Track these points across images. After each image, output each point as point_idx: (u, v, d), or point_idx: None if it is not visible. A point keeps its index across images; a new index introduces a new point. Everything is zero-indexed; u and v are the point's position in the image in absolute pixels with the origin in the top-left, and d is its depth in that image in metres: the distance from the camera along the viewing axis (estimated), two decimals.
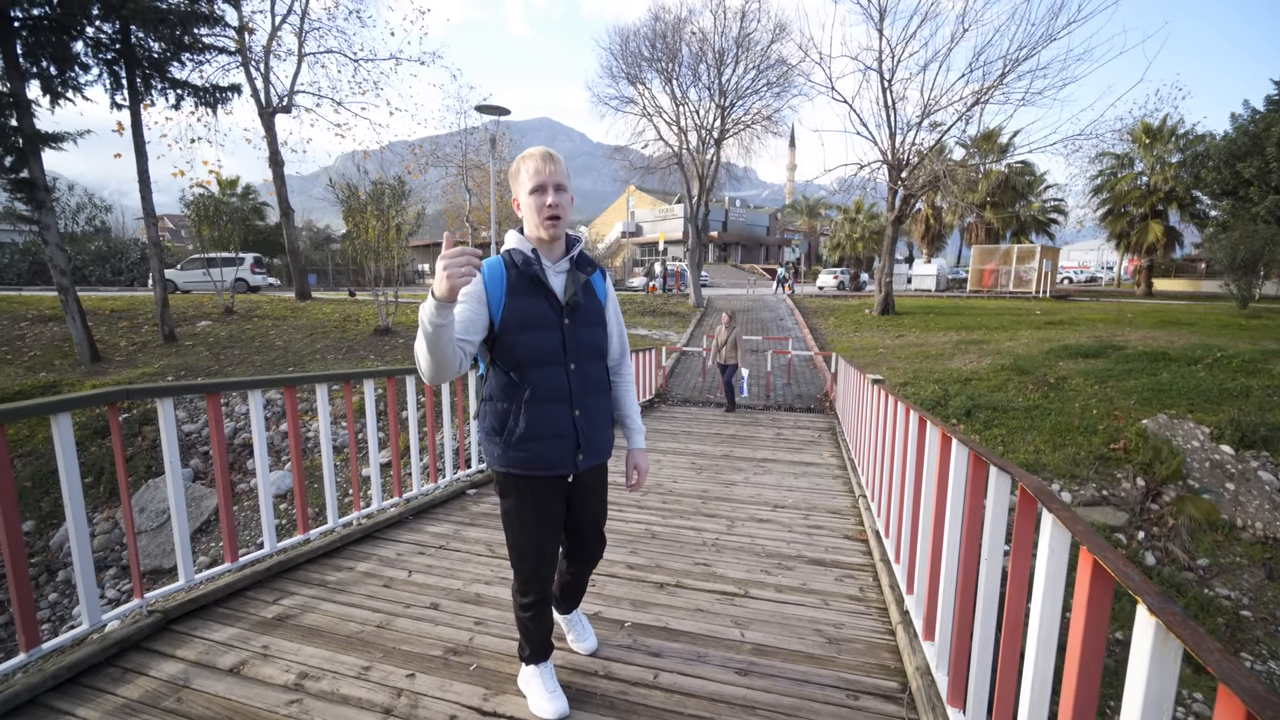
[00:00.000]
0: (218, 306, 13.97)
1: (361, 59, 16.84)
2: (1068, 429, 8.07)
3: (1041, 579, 1.16)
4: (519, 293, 1.63)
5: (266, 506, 2.90)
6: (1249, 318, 15.39)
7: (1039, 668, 1.17)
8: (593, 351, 1.75)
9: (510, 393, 1.66)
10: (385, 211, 11.91)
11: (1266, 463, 7.19)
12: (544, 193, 1.60)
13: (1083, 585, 0.98)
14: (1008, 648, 1.36)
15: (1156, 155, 26.08)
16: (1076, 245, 49.28)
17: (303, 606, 2.58)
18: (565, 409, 1.68)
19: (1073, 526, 1.06)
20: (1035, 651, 1.17)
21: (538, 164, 1.60)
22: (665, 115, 19.31)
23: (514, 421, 1.66)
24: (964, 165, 17.69)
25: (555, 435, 1.67)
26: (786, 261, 43.18)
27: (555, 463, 1.69)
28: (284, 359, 10.90)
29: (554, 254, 1.71)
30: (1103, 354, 10.59)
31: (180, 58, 11.16)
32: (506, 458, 1.69)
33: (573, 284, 1.69)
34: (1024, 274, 24.99)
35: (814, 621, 2.57)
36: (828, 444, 6.75)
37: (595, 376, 1.77)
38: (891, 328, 15.59)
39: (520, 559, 1.79)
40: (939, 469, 2.09)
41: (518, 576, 1.83)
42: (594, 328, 1.75)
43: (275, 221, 31.08)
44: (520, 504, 1.73)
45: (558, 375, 1.67)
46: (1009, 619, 1.36)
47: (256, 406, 2.84)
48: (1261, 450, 7.30)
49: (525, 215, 1.66)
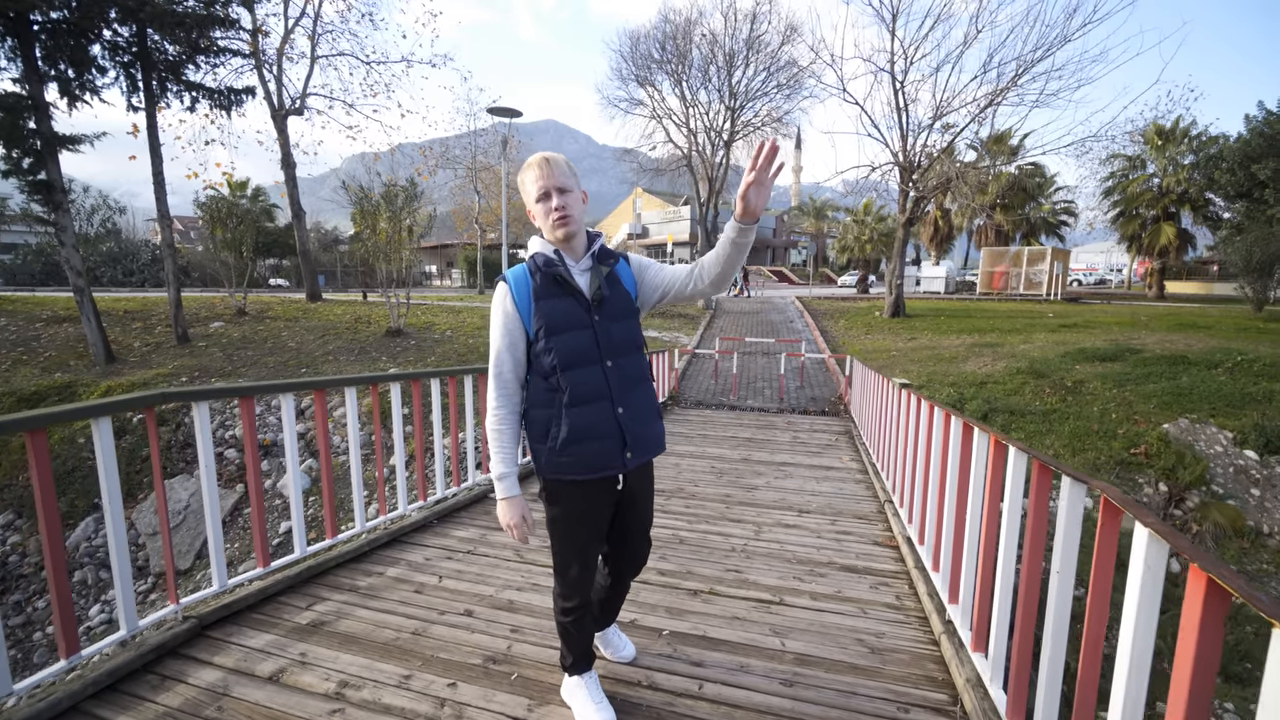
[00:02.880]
0: (230, 308, 14.03)
1: (374, 61, 16.93)
2: (1087, 433, 7.98)
3: (1135, 595, 1.11)
4: (546, 295, 1.63)
5: (297, 510, 2.88)
6: (1266, 320, 15.22)
7: (1131, 690, 1.12)
8: (627, 345, 1.71)
9: (550, 397, 1.65)
10: (397, 213, 11.93)
11: None
12: (549, 198, 1.61)
13: (1193, 605, 0.94)
14: (1087, 667, 1.32)
15: (1169, 157, 25.88)
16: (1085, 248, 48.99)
17: (337, 613, 2.55)
18: (607, 407, 1.66)
19: (1175, 542, 1.02)
20: (1127, 673, 1.13)
21: (537, 171, 1.61)
22: (675, 117, 19.32)
23: (557, 427, 1.64)
24: (975, 167, 17.59)
25: (600, 436, 1.64)
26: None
27: (603, 464, 1.66)
28: (296, 360, 10.92)
29: (576, 253, 1.69)
30: (1120, 357, 10.48)
31: (195, 60, 11.22)
32: (553, 464, 1.66)
33: (596, 278, 1.67)
34: (1034, 276, 24.83)
35: (854, 630, 2.52)
36: (846, 447, 6.69)
37: (634, 370, 1.73)
38: (903, 330, 15.50)
39: (565, 565, 1.76)
40: (990, 478, 2.05)
41: (561, 582, 1.80)
42: (625, 320, 1.72)
43: (285, 223, 31.32)
44: (569, 510, 1.71)
45: (595, 374, 1.65)
46: (1089, 635, 1.31)
47: (289, 410, 2.82)
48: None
49: (538, 223, 1.66)
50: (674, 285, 1.75)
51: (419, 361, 10.83)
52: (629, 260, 1.78)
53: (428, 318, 14.71)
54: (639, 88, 19.35)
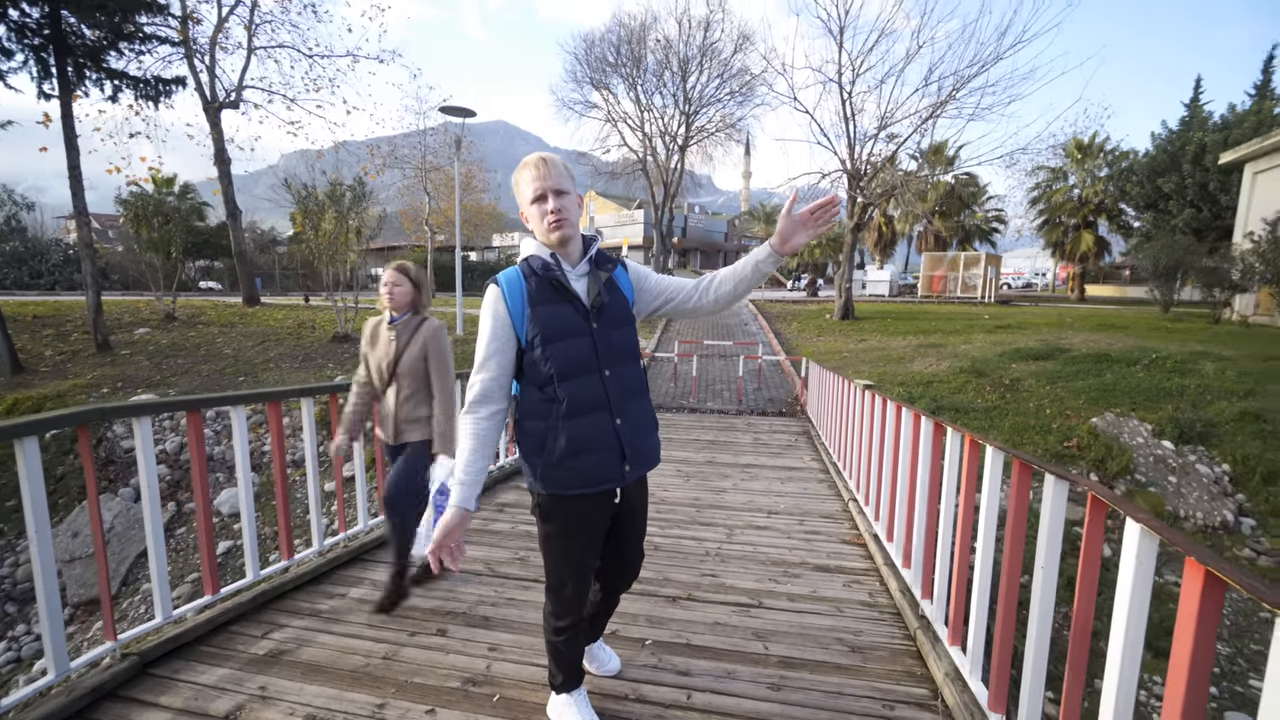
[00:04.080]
0: (157, 312, 13.09)
1: (317, 55, 16.18)
2: (1025, 428, 8.44)
3: (1127, 587, 1.16)
4: (542, 300, 1.56)
5: (250, 530, 2.68)
6: (1173, 321, 16.56)
7: (1124, 676, 1.17)
8: (625, 354, 1.66)
9: (545, 408, 1.57)
10: (344, 213, 11.44)
11: (1203, 457, 7.70)
12: (545, 199, 1.54)
13: (1190, 596, 0.98)
14: (1075, 656, 1.37)
15: (1087, 170, 27.88)
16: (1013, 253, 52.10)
17: (297, 640, 2.39)
18: (606, 418, 1.59)
19: (1169, 535, 1.07)
20: (1120, 661, 1.17)
21: (533, 171, 1.55)
22: (630, 121, 19.37)
23: (553, 439, 1.56)
24: (917, 176, 18.42)
25: (599, 448, 1.58)
26: None
27: (602, 478, 1.60)
28: (234, 369, 10.28)
29: (572, 257, 1.62)
30: (1051, 356, 11.16)
31: (118, 46, 10.41)
32: (549, 478, 1.58)
33: (595, 284, 1.61)
34: (970, 280, 26.22)
35: (833, 630, 2.56)
36: (806, 448, 6.84)
37: (631, 379, 1.67)
38: (853, 332, 16.03)
39: (560, 583, 1.70)
40: (966, 477, 2.11)
41: (554, 600, 1.73)
42: (624, 327, 1.66)
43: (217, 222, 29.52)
44: (566, 526, 1.64)
45: (593, 384, 1.58)
46: (1077, 625, 1.36)
47: (240, 423, 2.62)
48: (1198, 445, 7.82)
49: (533, 225, 1.60)
50: (677, 296, 1.71)
51: None
52: (627, 266, 1.73)
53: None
54: (594, 90, 19.32)
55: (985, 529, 1.95)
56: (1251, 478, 6.86)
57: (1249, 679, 4.57)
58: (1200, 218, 22.37)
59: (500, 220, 32.58)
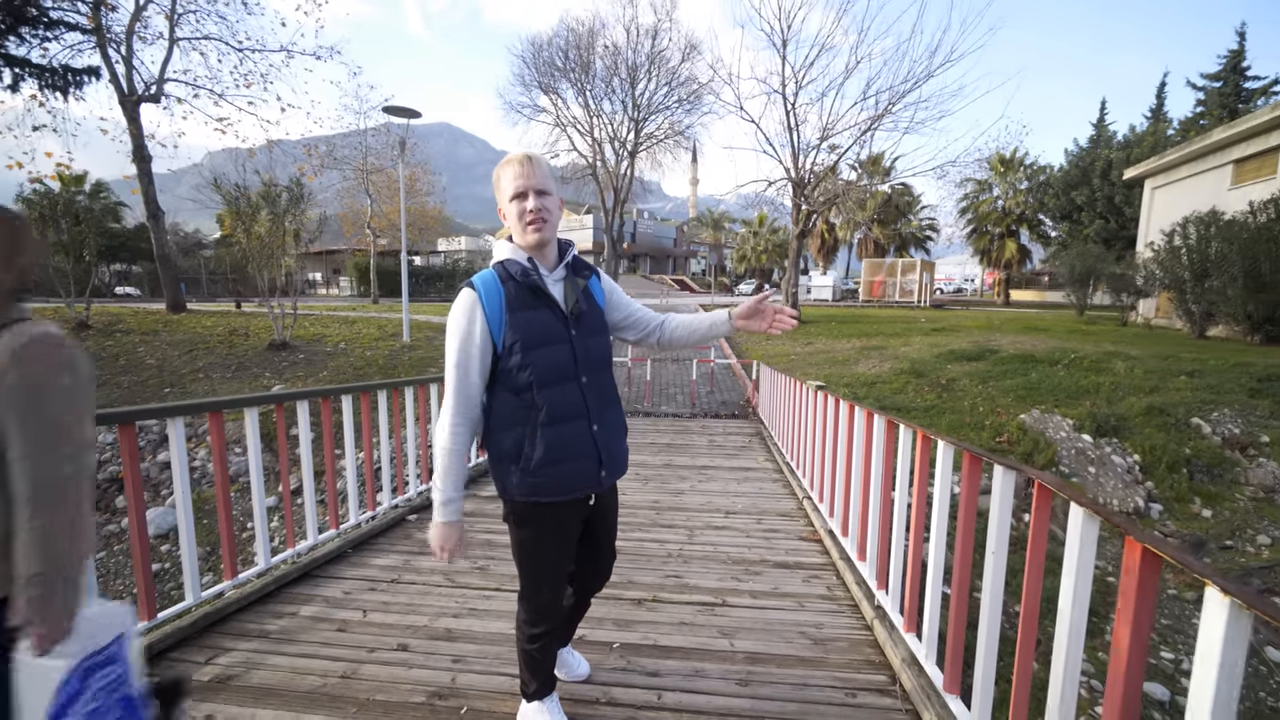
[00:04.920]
0: (68, 320, 12.06)
1: (247, 49, 15.35)
2: (962, 426, 8.93)
3: (1072, 568, 1.26)
4: (520, 306, 1.53)
5: (190, 549, 2.52)
6: (1087, 323, 17.92)
7: (1070, 655, 1.27)
8: (601, 362, 1.67)
9: (524, 415, 1.55)
10: (280, 215, 10.90)
11: (1117, 448, 8.36)
12: (525, 198, 1.53)
13: (1130, 572, 1.08)
14: (1025, 638, 1.47)
15: (1010, 182, 29.88)
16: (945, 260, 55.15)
17: (246, 664, 2.26)
18: (584, 426, 1.59)
19: (1109, 517, 1.17)
20: (1067, 639, 1.27)
21: (516, 168, 1.54)
22: (579, 126, 19.36)
23: (530, 446, 1.54)
24: (856, 185, 19.23)
25: (578, 456, 1.58)
26: None
27: (579, 485, 1.60)
28: (158, 380, 9.60)
29: (549, 261, 1.61)
30: (982, 357, 11.87)
31: (19, 32, 9.58)
32: (526, 485, 1.56)
33: (573, 291, 1.61)
34: (907, 285, 27.57)
35: (796, 624, 2.63)
36: (760, 448, 7.00)
37: (607, 387, 1.69)
38: (800, 336, 16.53)
39: (536, 590, 1.68)
40: (919, 471, 2.22)
41: (530, 607, 1.71)
42: (600, 335, 1.67)
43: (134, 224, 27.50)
44: (542, 533, 1.63)
45: (573, 391, 1.57)
46: (1026, 608, 1.46)
47: (178, 436, 2.46)
48: (1113, 438, 8.48)
49: (510, 224, 1.58)
50: (638, 322, 1.80)
51: (310, 378, 9.93)
52: (600, 276, 1.76)
53: (317, 329, 13.55)
54: (542, 95, 19.21)
55: (938, 520, 2.06)
56: (1158, 467, 7.49)
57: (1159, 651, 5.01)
58: (1109, 228, 24.34)
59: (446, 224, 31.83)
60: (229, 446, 7.74)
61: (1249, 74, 25.83)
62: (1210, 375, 9.60)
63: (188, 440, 8.35)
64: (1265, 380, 9.10)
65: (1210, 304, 13.01)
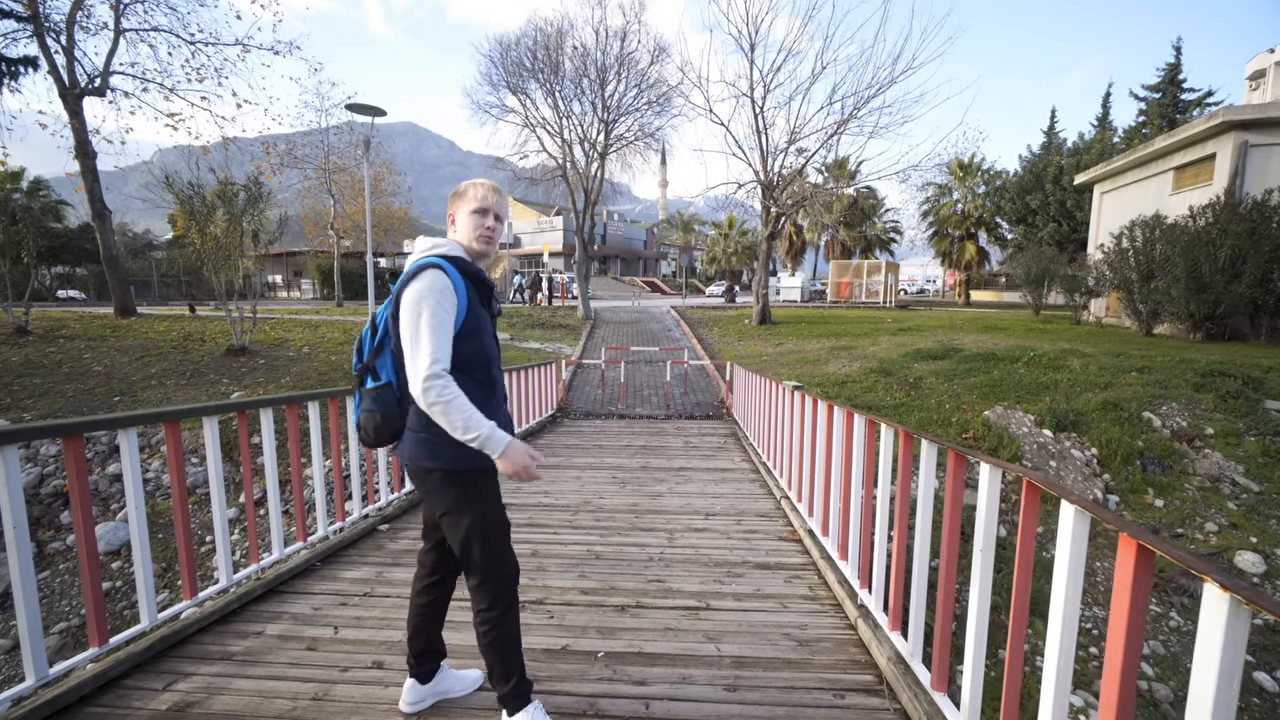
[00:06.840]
0: (5, 326, 11.35)
1: (200, 42, 14.71)
2: (930, 423, 9.14)
3: (1064, 565, 1.27)
4: (475, 299, 1.75)
5: (145, 568, 2.36)
6: (1044, 323, 18.61)
7: (1064, 648, 1.27)
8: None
9: (483, 394, 1.72)
10: (238, 215, 10.47)
11: (1076, 443, 8.68)
12: (486, 215, 1.79)
13: (1125, 568, 1.09)
14: (1015, 635, 1.48)
15: (968, 186, 30.86)
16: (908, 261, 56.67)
17: (208, 689, 2.13)
18: (505, 406, 1.88)
19: (1100, 514, 1.18)
20: (1060, 633, 1.28)
21: (487, 192, 1.80)
22: (549, 127, 19.18)
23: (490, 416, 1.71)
24: (823, 188, 19.58)
25: (507, 428, 1.78)
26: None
27: None
28: (107, 388, 9.11)
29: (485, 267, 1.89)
30: (947, 356, 12.19)
31: None
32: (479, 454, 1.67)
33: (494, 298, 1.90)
34: (873, 286, 28.21)
35: (780, 626, 2.62)
36: (735, 449, 7.03)
37: None
38: (771, 336, 16.72)
39: (498, 560, 1.76)
40: (902, 469, 2.24)
41: (495, 587, 1.75)
42: None
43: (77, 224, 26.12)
44: (492, 496, 1.79)
45: (502, 377, 1.87)
46: (1016, 605, 1.47)
47: (131, 448, 2.31)
48: (1072, 432, 8.80)
49: (461, 227, 1.80)
50: None
51: (271, 384, 9.56)
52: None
53: (278, 333, 13.08)
54: (510, 95, 18.96)
55: (922, 518, 2.08)
56: (1114, 460, 7.79)
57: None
58: (1061, 231, 25.37)
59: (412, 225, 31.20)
60: (185, 456, 7.38)
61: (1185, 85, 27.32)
62: (1158, 371, 10.05)
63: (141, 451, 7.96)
64: (1207, 375, 9.58)
65: (1156, 303, 13.65)
